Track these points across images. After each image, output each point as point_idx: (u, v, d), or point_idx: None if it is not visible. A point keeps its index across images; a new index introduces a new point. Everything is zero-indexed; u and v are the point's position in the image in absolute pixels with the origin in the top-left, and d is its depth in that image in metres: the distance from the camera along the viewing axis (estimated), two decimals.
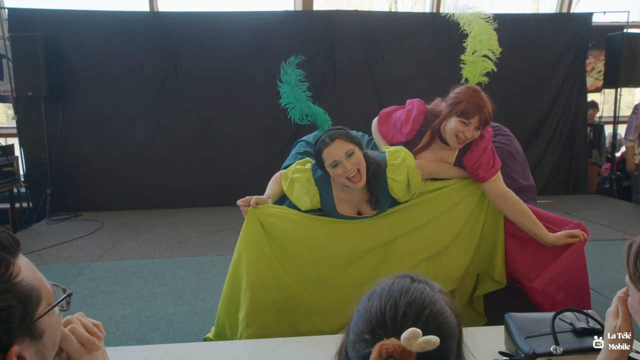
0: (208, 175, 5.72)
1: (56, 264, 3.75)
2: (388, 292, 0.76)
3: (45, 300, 0.73)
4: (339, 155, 2.00)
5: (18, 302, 0.67)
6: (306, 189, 2.17)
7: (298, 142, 2.53)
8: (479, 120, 2.21)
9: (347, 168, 2.01)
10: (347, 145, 2.02)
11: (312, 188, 2.17)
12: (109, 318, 2.74)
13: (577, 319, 1.36)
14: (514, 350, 1.34)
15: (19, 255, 0.71)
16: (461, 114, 2.22)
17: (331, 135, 2.04)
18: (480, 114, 2.21)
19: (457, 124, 2.23)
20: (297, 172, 2.20)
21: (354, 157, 2.02)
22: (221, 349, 1.73)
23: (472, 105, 2.20)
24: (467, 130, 2.22)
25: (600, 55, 6.40)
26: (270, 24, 5.68)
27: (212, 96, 5.66)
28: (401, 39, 5.67)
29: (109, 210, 5.51)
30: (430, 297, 0.75)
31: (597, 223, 4.63)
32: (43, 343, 0.72)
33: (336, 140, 2.02)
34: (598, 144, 6.43)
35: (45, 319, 0.72)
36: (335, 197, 2.19)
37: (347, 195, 2.19)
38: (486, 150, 2.32)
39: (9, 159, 5.25)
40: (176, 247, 4.15)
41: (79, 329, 0.84)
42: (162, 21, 5.65)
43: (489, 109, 2.24)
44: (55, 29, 5.37)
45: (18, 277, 0.68)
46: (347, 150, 2.01)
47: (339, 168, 2.02)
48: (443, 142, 2.34)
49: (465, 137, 2.25)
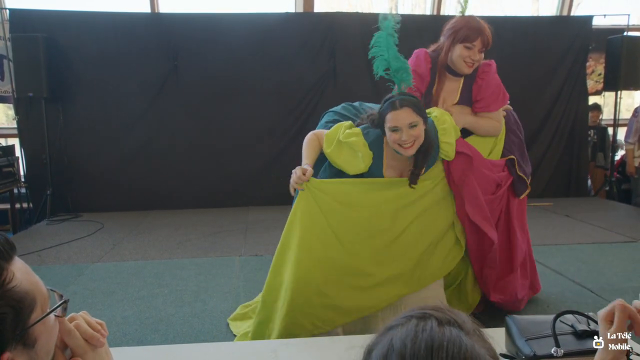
0: (208, 176, 5.72)
1: (56, 264, 3.75)
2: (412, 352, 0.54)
3: (40, 305, 0.71)
4: (403, 123, 2.05)
5: (10, 309, 0.65)
6: (362, 152, 2.20)
7: (326, 112, 2.58)
8: (481, 42, 2.34)
9: (404, 137, 2.06)
10: (414, 117, 2.06)
11: (367, 152, 2.21)
12: (109, 319, 2.74)
13: (578, 321, 1.36)
14: (514, 352, 1.34)
15: (14, 259, 0.70)
16: (464, 40, 2.36)
17: (402, 101, 2.08)
18: (481, 35, 2.34)
19: (462, 50, 2.37)
20: (352, 137, 2.22)
21: (416, 130, 2.07)
22: (221, 350, 1.73)
23: (472, 29, 2.34)
24: (473, 54, 2.35)
25: (600, 58, 6.40)
26: (271, 26, 5.68)
27: (212, 97, 5.66)
28: (401, 40, 5.67)
29: (109, 211, 5.51)
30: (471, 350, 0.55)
31: (597, 226, 4.63)
32: (36, 351, 0.70)
33: (405, 107, 2.06)
34: (603, 146, 6.43)
35: (39, 326, 0.70)
36: (385, 163, 2.24)
37: (395, 162, 2.25)
38: (496, 83, 2.46)
39: (9, 160, 5.25)
40: (176, 248, 4.15)
41: (83, 325, 0.83)
42: (163, 22, 5.65)
43: (488, 32, 2.36)
44: (56, 30, 5.38)
45: (11, 283, 0.66)
46: (412, 122, 2.05)
47: (397, 134, 2.07)
48: (452, 74, 2.45)
49: (472, 61, 2.37)
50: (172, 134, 5.67)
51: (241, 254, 3.94)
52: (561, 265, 3.51)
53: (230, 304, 2.92)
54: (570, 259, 3.67)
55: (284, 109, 5.71)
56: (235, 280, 3.33)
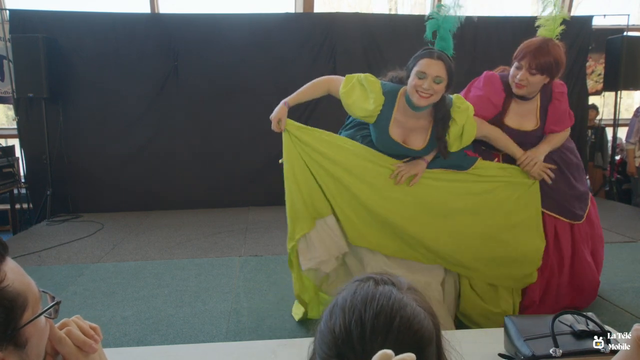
0: (208, 176, 5.72)
1: (56, 265, 3.75)
2: (351, 305, 0.66)
3: (32, 306, 0.71)
4: (432, 72, 2.09)
5: (2, 309, 0.66)
6: (375, 94, 2.25)
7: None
8: (528, 61, 2.24)
9: (426, 86, 2.09)
10: (443, 72, 2.11)
11: (380, 97, 2.25)
12: (109, 319, 2.74)
13: (577, 321, 1.36)
14: (513, 352, 1.34)
15: (7, 259, 0.70)
16: (515, 57, 2.32)
17: (440, 54, 2.12)
18: (530, 55, 2.24)
19: (513, 69, 2.33)
20: (370, 78, 2.29)
21: (439, 86, 2.11)
22: (221, 350, 1.73)
23: (525, 48, 2.28)
24: (522, 74, 2.27)
25: (600, 58, 6.40)
26: (271, 26, 5.68)
27: (212, 98, 5.66)
28: (401, 40, 5.69)
29: (109, 211, 5.51)
30: (399, 301, 0.66)
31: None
32: (27, 352, 0.70)
33: (440, 61, 2.11)
34: (601, 147, 6.43)
35: (30, 327, 0.70)
36: (393, 116, 2.27)
37: (403, 117, 2.27)
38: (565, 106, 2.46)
39: (9, 160, 5.25)
40: (176, 248, 4.15)
41: (75, 332, 0.82)
42: (163, 23, 5.65)
43: (549, 55, 2.24)
44: (56, 31, 5.38)
45: (3, 283, 0.66)
46: (440, 76, 2.10)
47: (421, 80, 2.10)
48: (518, 98, 2.41)
49: (520, 81, 2.29)
50: (172, 134, 5.68)
51: (241, 254, 3.94)
52: None
53: (230, 304, 2.92)
54: None
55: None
56: (235, 281, 3.33)
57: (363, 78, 2.30)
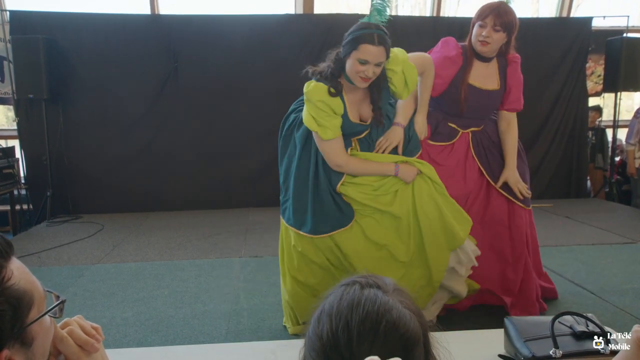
0: (208, 177, 5.73)
1: (56, 266, 3.75)
2: (337, 311, 0.67)
3: (37, 305, 0.71)
4: (373, 59, 2.08)
5: (9, 307, 0.66)
6: (333, 104, 2.16)
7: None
8: (493, 19, 2.34)
9: (368, 73, 2.09)
10: (383, 57, 2.11)
11: (336, 100, 2.17)
12: (109, 320, 2.74)
13: (577, 322, 1.36)
14: (513, 353, 1.34)
15: (12, 258, 0.70)
16: (477, 18, 2.40)
17: (380, 37, 2.08)
18: (493, 13, 2.34)
19: (477, 28, 2.41)
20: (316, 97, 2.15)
21: (379, 69, 2.12)
22: (221, 351, 1.73)
23: (487, 8, 2.37)
24: (487, 31, 2.36)
25: (599, 60, 6.41)
26: (271, 27, 5.68)
27: (212, 99, 5.66)
28: (401, 41, 5.67)
29: (109, 212, 5.51)
30: (384, 304, 0.67)
31: (597, 227, 4.63)
32: (32, 351, 0.70)
33: (381, 47, 2.08)
34: (601, 148, 6.43)
35: (36, 326, 0.71)
36: (346, 101, 2.22)
37: (351, 96, 2.24)
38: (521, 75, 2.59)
39: (9, 161, 5.25)
40: (176, 249, 4.15)
41: (76, 331, 0.82)
42: (163, 24, 5.66)
43: (510, 15, 2.37)
44: (57, 32, 5.38)
45: (10, 281, 0.67)
46: (381, 62, 2.10)
47: (363, 66, 2.08)
48: (479, 59, 2.50)
49: (485, 38, 2.38)
50: (172, 135, 5.68)
51: (241, 255, 3.94)
52: (561, 266, 3.51)
53: (230, 306, 2.92)
54: (570, 260, 3.67)
55: (284, 110, 5.63)
56: (235, 282, 3.33)
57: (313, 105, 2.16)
